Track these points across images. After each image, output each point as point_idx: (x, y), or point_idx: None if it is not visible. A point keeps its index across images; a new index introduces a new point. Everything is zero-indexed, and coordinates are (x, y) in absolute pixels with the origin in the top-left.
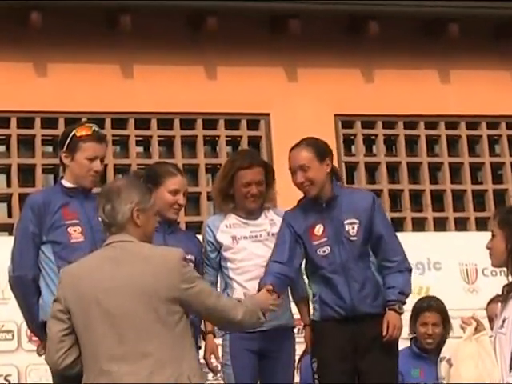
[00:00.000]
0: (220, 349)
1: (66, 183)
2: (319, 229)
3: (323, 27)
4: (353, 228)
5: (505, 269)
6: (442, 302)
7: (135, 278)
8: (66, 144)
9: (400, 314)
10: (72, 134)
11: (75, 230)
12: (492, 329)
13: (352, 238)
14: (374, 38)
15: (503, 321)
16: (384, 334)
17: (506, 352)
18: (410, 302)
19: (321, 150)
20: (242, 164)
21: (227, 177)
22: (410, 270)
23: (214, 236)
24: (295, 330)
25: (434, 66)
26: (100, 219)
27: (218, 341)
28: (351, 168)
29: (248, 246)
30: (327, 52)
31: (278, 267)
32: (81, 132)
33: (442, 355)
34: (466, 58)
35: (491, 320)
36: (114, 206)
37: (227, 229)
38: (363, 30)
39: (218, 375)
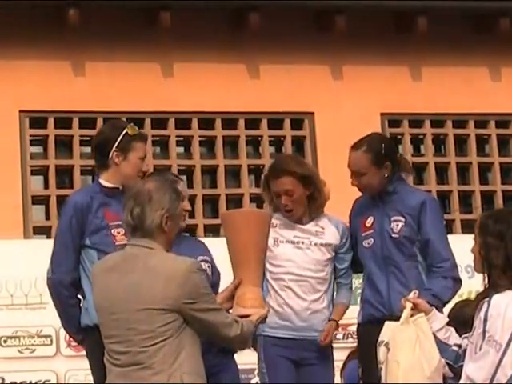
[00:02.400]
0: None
1: (106, 183)
2: (370, 221)
3: (369, 24)
4: (397, 225)
5: None
6: None
7: (134, 288)
8: (118, 142)
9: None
10: (124, 132)
11: (119, 232)
12: None
13: (393, 235)
14: (422, 35)
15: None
16: None
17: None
18: None
19: (380, 154)
20: (269, 175)
21: (264, 187)
22: (456, 279)
23: None
24: (339, 336)
25: (485, 63)
26: (124, 221)
27: None
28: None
29: (288, 251)
30: (373, 49)
31: None
32: (131, 131)
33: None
34: None
35: None
36: (144, 211)
37: (271, 228)
38: (410, 26)
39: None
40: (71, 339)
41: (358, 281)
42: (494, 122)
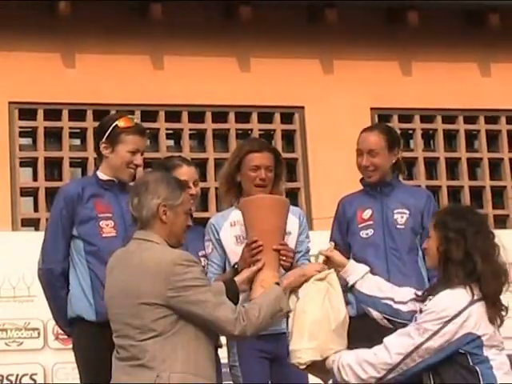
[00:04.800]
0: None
1: (102, 175)
2: (367, 213)
3: (361, 18)
4: (401, 217)
5: None
6: None
7: (127, 284)
8: (107, 135)
9: None
10: (114, 124)
11: (107, 225)
12: None
13: (399, 226)
14: (413, 30)
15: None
16: None
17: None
18: None
19: (393, 139)
20: (252, 147)
21: (235, 161)
22: None
23: (218, 234)
24: None
25: (475, 58)
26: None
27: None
28: None
29: None
30: (364, 44)
31: None
32: (123, 123)
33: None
34: (508, 50)
35: None
36: (140, 200)
37: (232, 227)
38: (401, 21)
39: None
40: (59, 332)
41: None
42: (484, 117)
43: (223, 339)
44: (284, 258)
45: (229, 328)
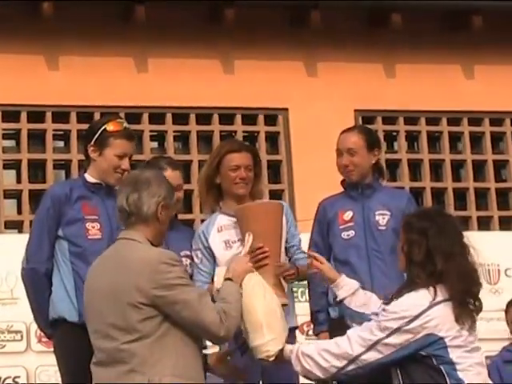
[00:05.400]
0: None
1: (90, 178)
2: (349, 215)
3: (344, 20)
4: (383, 218)
5: None
6: None
7: (112, 284)
8: (95, 138)
9: None
10: (102, 128)
11: (93, 227)
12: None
13: (380, 228)
14: (396, 32)
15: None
16: None
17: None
18: None
19: (372, 139)
20: (231, 148)
21: (214, 162)
22: None
23: (207, 241)
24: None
25: (458, 60)
26: (118, 207)
27: None
28: None
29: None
30: (348, 46)
31: None
32: (112, 127)
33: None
34: (491, 52)
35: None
36: (141, 197)
37: (219, 233)
38: (385, 23)
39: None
40: (42, 335)
41: None
42: (467, 119)
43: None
44: (287, 277)
45: (214, 330)
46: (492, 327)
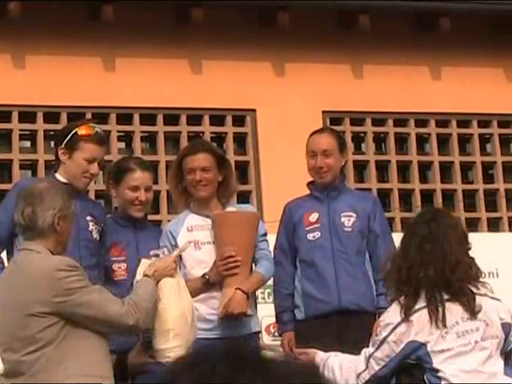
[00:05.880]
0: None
1: (59, 177)
2: (314, 216)
3: (313, 21)
4: (349, 220)
5: (494, 270)
6: None
7: (12, 297)
8: (66, 140)
9: None
10: (74, 131)
11: None
12: None
13: (346, 229)
14: (365, 33)
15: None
16: None
17: None
18: None
19: (342, 141)
20: (186, 151)
21: (175, 166)
22: None
23: (175, 241)
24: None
25: (426, 62)
26: (17, 222)
27: None
28: None
29: (210, 251)
30: (316, 47)
31: None
32: (83, 131)
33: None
34: (458, 54)
35: None
36: (35, 211)
37: (189, 232)
38: (353, 24)
39: None
40: None
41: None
42: (434, 121)
43: None
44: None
45: (122, 321)
46: None
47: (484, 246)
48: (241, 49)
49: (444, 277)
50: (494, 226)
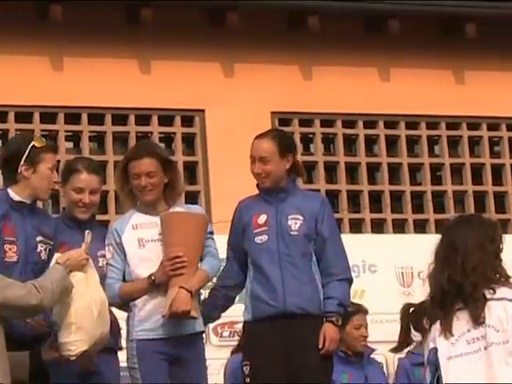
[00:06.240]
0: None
1: (14, 195)
2: (263, 218)
3: (262, 22)
4: (295, 223)
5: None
6: (362, 305)
7: None
8: (25, 157)
9: (337, 326)
10: (31, 145)
11: (10, 249)
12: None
13: (292, 233)
14: (313, 35)
15: None
16: (320, 346)
17: None
18: None
19: (285, 145)
20: (131, 155)
21: (120, 170)
22: (350, 281)
23: (120, 238)
24: (226, 334)
25: (375, 63)
26: None
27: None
28: None
29: (156, 249)
30: (266, 47)
31: None
32: (38, 143)
33: None
34: (407, 55)
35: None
36: None
37: (134, 230)
38: (303, 25)
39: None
40: None
41: None
42: (383, 122)
43: (123, 342)
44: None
45: (24, 302)
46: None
47: (431, 248)
48: (190, 49)
49: (456, 283)
50: (441, 227)
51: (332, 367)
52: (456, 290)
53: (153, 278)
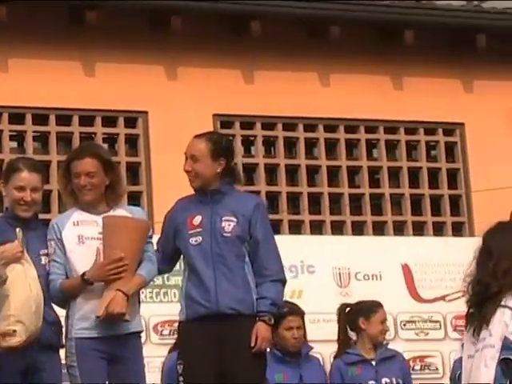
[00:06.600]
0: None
1: None
2: (197, 219)
3: (205, 26)
4: (229, 225)
5: (378, 273)
6: (299, 306)
7: None
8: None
9: (270, 325)
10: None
11: None
12: None
13: (225, 234)
14: (256, 39)
15: None
16: (252, 345)
17: None
18: None
19: (219, 148)
20: (73, 155)
21: (62, 169)
22: (284, 282)
23: (61, 234)
24: (166, 332)
25: (315, 68)
26: None
27: None
28: None
29: (94, 248)
30: (208, 52)
31: None
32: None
33: None
34: (347, 61)
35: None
36: None
37: (74, 227)
38: (245, 31)
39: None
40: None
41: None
42: (323, 126)
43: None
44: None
45: None
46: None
47: (368, 249)
48: (134, 52)
49: (484, 283)
50: (379, 229)
51: (265, 366)
52: (484, 290)
53: (85, 277)
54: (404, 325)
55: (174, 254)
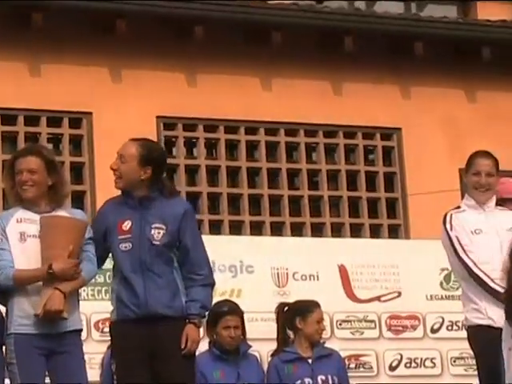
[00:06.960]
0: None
1: None
2: (127, 224)
3: (149, 29)
4: (158, 233)
5: (315, 273)
6: (238, 305)
7: None
8: None
9: (199, 327)
10: None
11: None
12: None
13: (155, 242)
14: (199, 43)
15: None
16: (182, 347)
17: None
18: None
19: (148, 156)
20: (18, 153)
21: (7, 167)
22: (213, 285)
23: (4, 231)
24: (106, 329)
25: (257, 73)
26: None
27: None
28: (172, 170)
29: (37, 245)
30: (152, 55)
31: None
32: None
33: None
34: (289, 66)
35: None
36: None
37: (18, 223)
38: (189, 34)
39: None
40: None
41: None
42: (264, 129)
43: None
44: None
45: None
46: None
47: (306, 250)
48: (79, 53)
49: None
50: (317, 230)
51: (195, 367)
52: None
53: (51, 270)
54: (340, 324)
55: (102, 253)
